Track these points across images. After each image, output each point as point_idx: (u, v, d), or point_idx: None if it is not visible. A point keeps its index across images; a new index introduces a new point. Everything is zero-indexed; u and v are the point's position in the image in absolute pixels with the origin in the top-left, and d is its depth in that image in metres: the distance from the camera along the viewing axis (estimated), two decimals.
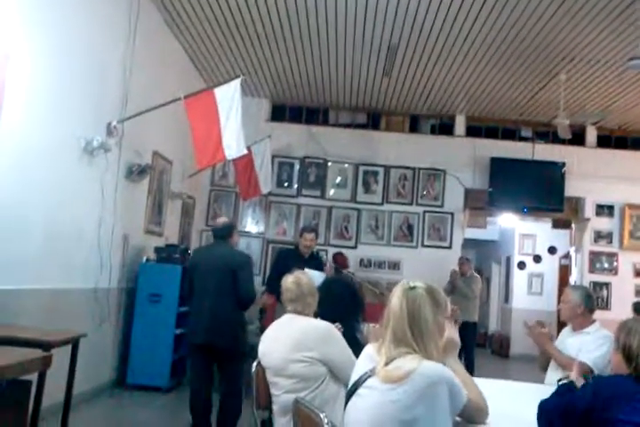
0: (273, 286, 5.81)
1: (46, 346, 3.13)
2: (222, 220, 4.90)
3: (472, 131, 9.44)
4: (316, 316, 3.02)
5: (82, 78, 4.77)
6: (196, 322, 4.53)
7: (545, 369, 3.64)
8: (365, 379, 1.97)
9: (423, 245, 9.01)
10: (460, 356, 2.25)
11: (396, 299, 2.00)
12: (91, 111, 4.95)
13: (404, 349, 1.93)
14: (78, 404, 4.48)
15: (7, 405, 2.56)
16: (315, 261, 6.15)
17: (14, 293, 3.96)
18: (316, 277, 4.06)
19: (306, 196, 9.12)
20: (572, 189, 8.96)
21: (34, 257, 4.21)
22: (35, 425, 3.00)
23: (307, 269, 5.19)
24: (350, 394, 2.01)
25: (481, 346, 11.45)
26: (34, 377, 2.90)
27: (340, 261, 7.64)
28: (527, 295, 11.69)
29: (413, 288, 2.01)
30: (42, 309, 4.35)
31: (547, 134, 9.33)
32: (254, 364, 2.93)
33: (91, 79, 4.93)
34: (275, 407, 2.85)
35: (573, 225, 9.46)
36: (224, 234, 4.68)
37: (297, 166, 9.17)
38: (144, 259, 6.12)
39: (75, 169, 4.74)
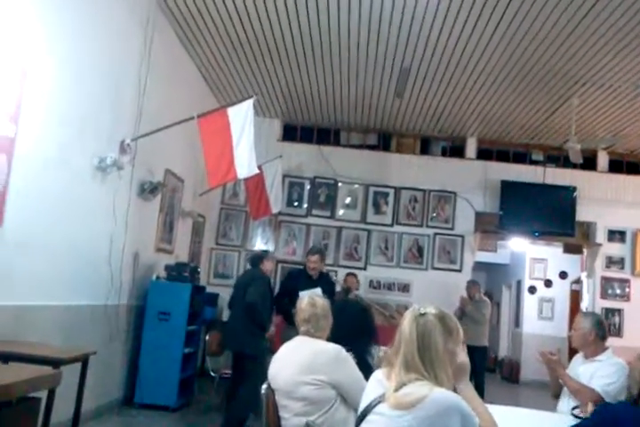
0: (280, 305, 5.83)
1: (56, 363, 3.12)
2: (257, 250, 5.67)
3: (483, 153, 9.45)
4: (328, 339, 2.99)
5: (97, 96, 4.82)
6: None
7: (557, 396, 3.59)
8: (375, 405, 1.93)
9: (433, 268, 8.96)
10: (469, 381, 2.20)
11: (406, 325, 1.98)
12: (105, 129, 5.00)
13: (414, 375, 1.90)
14: (86, 422, 4.44)
15: (17, 421, 2.54)
16: (324, 282, 6.12)
17: (25, 309, 3.95)
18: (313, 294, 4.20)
19: (316, 216, 9.12)
20: (583, 213, 8.92)
21: (44, 273, 4.21)
22: None
23: (303, 292, 5.34)
24: (360, 420, 1.98)
25: (491, 371, 11.30)
26: (43, 394, 2.88)
27: (349, 282, 7.60)
28: (538, 320, 11.57)
29: (424, 314, 1.98)
30: (52, 325, 4.33)
31: (558, 158, 9.33)
32: (264, 386, 2.89)
33: (106, 97, 4.98)
34: None
35: (585, 250, 9.40)
36: (253, 262, 5.71)
37: (307, 186, 9.19)
38: (154, 276, 6.11)
39: (88, 186, 4.77)
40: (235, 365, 5.45)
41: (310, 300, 3.03)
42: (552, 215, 8.83)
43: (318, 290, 5.46)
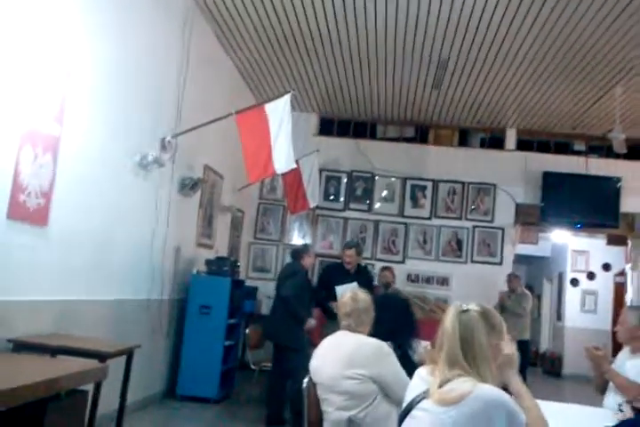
0: (318, 299, 5.87)
1: (103, 357, 3.19)
2: (299, 245, 6.03)
3: (523, 144, 9.29)
4: (370, 334, 3.00)
5: (138, 94, 4.90)
6: None
7: (602, 391, 3.52)
8: (419, 401, 1.94)
9: (472, 261, 8.87)
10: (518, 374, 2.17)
11: (448, 322, 1.98)
12: (146, 126, 5.08)
13: (457, 371, 1.90)
14: (130, 413, 4.55)
15: (65, 414, 2.62)
16: (363, 276, 6.12)
17: (71, 303, 4.06)
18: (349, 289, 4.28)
19: (353, 209, 9.11)
20: (627, 204, 8.70)
21: (89, 269, 4.31)
22: None
23: (339, 286, 5.40)
24: (404, 416, 1.98)
25: (532, 365, 11.15)
26: (90, 387, 2.96)
27: (385, 276, 7.56)
28: (580, 313, 11.35)
29: (466, 311, 1.98)
30: (97, 319, 4.45)
31: (601, 148, 9.10)
32: (305, 380, 2.92)
33: (147, 95, 5.06)
34: (325, 424, 2.83)
35: (629, 242, 9.16)
36: (294, 255, 5.87)
37: (344, 180, 9.19)
38: (195, 271, 6.20)
39: (130, 183, 4.86)
40: (275, 357, 5.52)
41: (352, 294, 3.04)
42: (595, 206, 8.64)
43: (354, 285, 5.46)
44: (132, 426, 4.53)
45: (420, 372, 2.08)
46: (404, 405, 2.02)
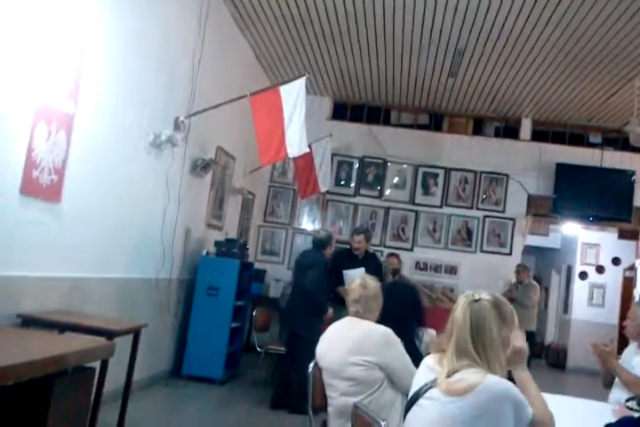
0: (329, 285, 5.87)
1: (110, 335, 3.22)
2: (323, 233, 5.87)
3: (538, 135, 9.21)
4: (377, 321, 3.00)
5: (153, 73, 4.88)
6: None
7: (608, 386, 3.51)
8: (426, 390, 1.94)
9: (482, 251, 8.85)
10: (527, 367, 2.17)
11: (459, 311, 1.96)
12: (160, 106, 5.06)
13: (466, 361, 1.89)
14: (135, 391, 4.59)
15: (72, 390, 2.64)
16: (370, 262, 6.11)
17: (80, 280, 4.09)
18: (356, 274, 4.47)
19: (363, 195, 9.09)
20: None
21: (100, 247, 4.33)
22: (96, 410, 3.09)
23: (347, 271, 5.39)
24: (411, 404, 1.99)
25: (537, 357, 11.16)
26: (97, 364, 2.98)
27: (391, 263, 7.54)
28: (587, 307, 11.31)
29: (478, 300, 1.96)
30: (106, 297, 4.48)
31: (617, 141, 9.01)
32: (311, 365, 2.93)
33: (161, 74, 5.04)
34: (330, 409, 2.85)
35: None
36: (318, 244, 5.71)
37: (356, 166, 9.16)
38: (204, 252, 6.22)
39: (142, 162, 4.86)
40: (289, 344, 5.54)
41: (362, 281, 3.04)
42: (608, 200, 8.57)
43: (362, 270, 5.46)
44: (137, 404, 4.57)
45: (427, 360, 2.07)
46: (411, 393, 2.02)
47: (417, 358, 2.77)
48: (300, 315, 5.39)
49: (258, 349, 6.17)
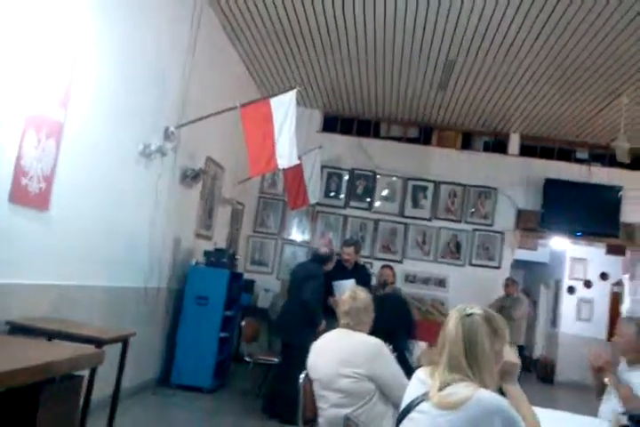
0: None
1: (99, 343, 3.20)
2: (324, 250, 5.87)
3: (526, 150, 9.29)
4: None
5: (143, 83, 4.89)
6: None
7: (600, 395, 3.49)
8: (418, 403, 1.94)
9: (471, 264, 8.88)
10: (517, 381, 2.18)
11: (451, 325, 1.96)
12: (150, 116, 5.07)
13: (458, 375, 1.89)
14: (124, 400, 4.55)
15: (61, 398, 2.62)
16: (360, 274, 6.12)
17: (69, 288, 4.06)
18: (347, 285, 4.53)
19: (353, 207, 9.12)
20: (628, 214, 8.69)
21: (88, 255, 4.30)
22: (85, 418, 3.06)
23: (337, 282, 5.38)
24: (402, 417, 1.99)
25: (526, 370, 11.16)
26: (85, 372, 2.96)
27: (384, 274, 7.55)
28: (576, 321, 11.36)
29: (470, 315, 1.97)
30: (94, 305, 4.45)
31: (604, 157, 9.11)
32: (302, 375, 2.92)
33: (152, 84, 5.05)
34: (320, 420, 2.83)
35: (628, 252, 9.17)
36: (318, 260, 5.76)
37: (345, 177, 9.19)
38: (193, 262, 6.20)
39: (132, 171, 4.85)
40: (283, 353, 5.55)
41: (352, 293, 3.04)
42: (596, 215, 8.64)
43: (352, 281, 5.46)
44: (125, 412, 4.53)
45: (419, 374, 2.07)
46: (402, 406, 2.02)
47: (408, 371, 2.77)
48: (293, 325, 5.37)
49: (246, 359, 6.14)
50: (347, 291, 3.12)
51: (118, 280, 4.84)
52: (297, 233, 9.07)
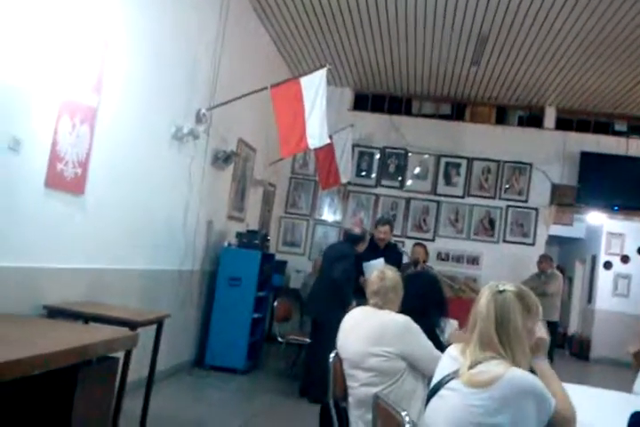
0: None
1: (133, 325, 3.26)
2: (358, 230, 5.78)
3: (562, 124, 9.08)
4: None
5: (175, 66, 4.90)
6: None
7: None
8: (448, 380, 1.93)
9: (505, 241, 8.78)
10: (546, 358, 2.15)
11: (483, 302, 1.94)
12: (182, 98, 5.09)
13: (489, 353, 1.87)
14: (159, 381, 4.66)
15: (97, 380, 2.69)
16: (391, 253, 6.10)
17: (105, 272, 4.15)
18: (376, 265, 4.52)
19: (384, 186, 9.06)
20: None
21: (123, 239, 4.38)
22: (120, 399, 3.14)
23: (367, 262, 5.37)
24: (432, 394, 1.99)
25: (559, 347, 11.07)
26: (121, 354, 3.03)
27: (416, 253, 7.51)
28: (612, 297, 11.17)
29: (502, 291, 1.94)
30: (129, 288, 4.54)
31: None
32: (332, 355, 2.94)
33: (183, 67, 5.06)
34: (350, 400, 2.86)
35: None
36: (351, 240, 5.70)
37: (377, 156, 9.12)
38: (226, 243, 6.26)
39: (165, 154, 4.90)
40: (313, 332, 5.57)
41: (380, 273, 3.04)
42: (634, 189, 8.45)
43: (381, 260, 5.45)
44: (161, 393, 4.65)
45: (451, 351, 2.06)
46: (433, 383, 2.02)
47: (440, 349, 2.77)
48: (323, 304, 5.38)
49: (279, 339, 6.22)
50: (375, 271, 3.11)
51: (153, 263, 4.92)
52: (328, 213, 9.08)
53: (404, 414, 1.87)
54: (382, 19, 6.51)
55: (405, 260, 6.52)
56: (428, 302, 3.26)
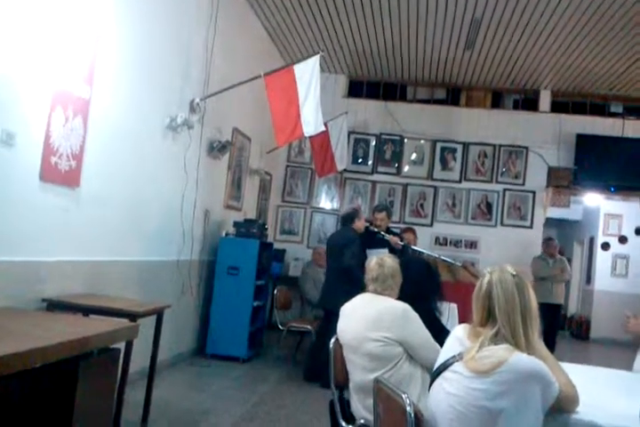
0: None
1: (133, 316, 3.27)
2: (348, 209, 5.87)
3: (557, 106, 9.07)
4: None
5: (167, 56, 4.87)
6: None
7: None
8: (452, 362, 1.95)
9: (502, 224, 8.81)
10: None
11: (486, 285, 1.96)
12: (175, 89, 5.06)
13: (496, 336, 1.90)
14: (161, 371, 4.68)
15: (98, 371, 2.70)
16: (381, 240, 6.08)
17: (103, 264, 4.15)
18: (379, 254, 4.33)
19: (381, 173, 9.06)
20: None
21: (120, 230, 4.38)
22: (122, 390, 3.16)
23: (371, 250, 5.35)
24: (437, 374, 2.00)
25: (560, 328, 11.13)
26: (121, 345, 3.04)
27: (406, 238, 7.49)
28: (610, 277, 11.22)
29: (515, 276, 1.97)
30: (128, 279, 4.54)
31: (638, 110, 8.83)
32: (332, 340, 2.96)
33: (175, 57, 5.03)
34: (350, 384, 2.88)
35: None
36: (344, 221, 5.77)
37: (373, 143, 9.11)
38: (223, 233, 6.26)
39: (159, 145, 4.88)
40: (325, 320, 5.59)
41: (379, 260, 3.06)
42: (630, 170, 8.45)
43: (385, 250, 5.45)
44: (163, 382, 4.68)
45: (457, 332, 2.07)
46: (438, 363, 2.04)
47: (439, 332, 2.79)
48: (340, 294, 5.27)
49: (280, 327, 6.24)
50: (373, 258, 3.13)
51: (151, 254, 4.92)
52: (326, 201, 9.08)
53: (404, 396, 1.89)
54: (375, 4, 6.47)
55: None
56: (423, 286, 3.28)
